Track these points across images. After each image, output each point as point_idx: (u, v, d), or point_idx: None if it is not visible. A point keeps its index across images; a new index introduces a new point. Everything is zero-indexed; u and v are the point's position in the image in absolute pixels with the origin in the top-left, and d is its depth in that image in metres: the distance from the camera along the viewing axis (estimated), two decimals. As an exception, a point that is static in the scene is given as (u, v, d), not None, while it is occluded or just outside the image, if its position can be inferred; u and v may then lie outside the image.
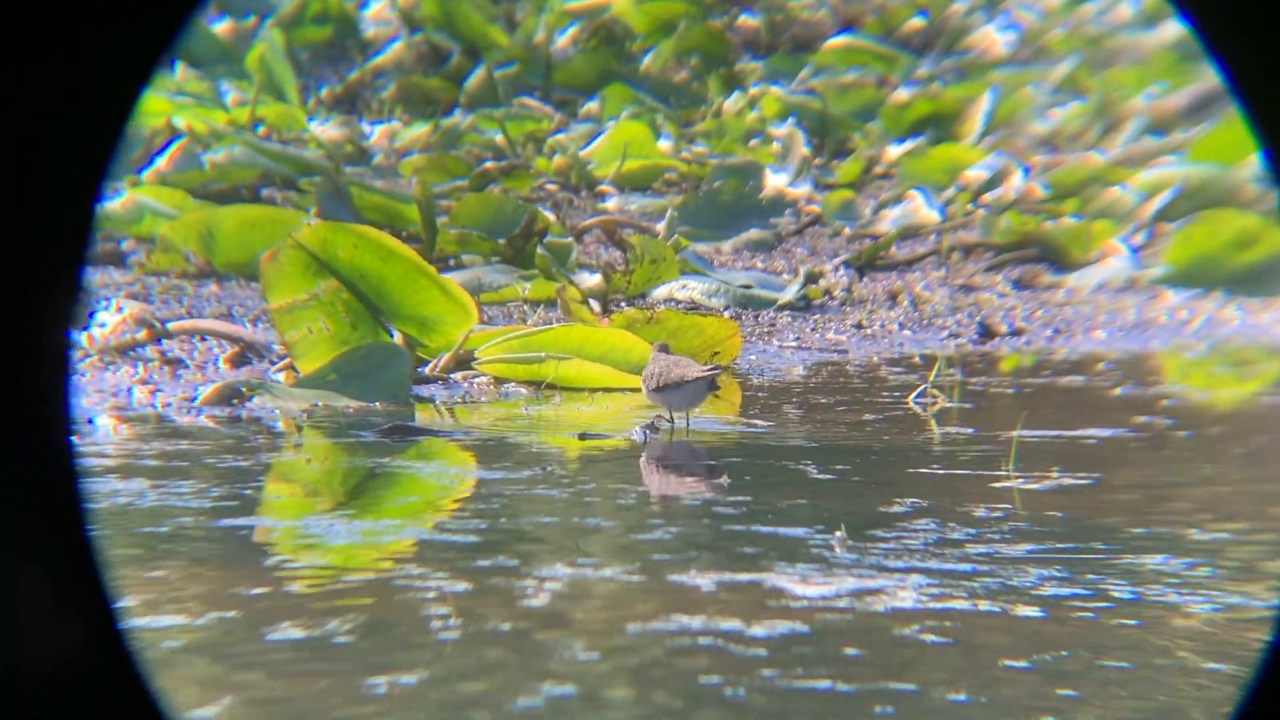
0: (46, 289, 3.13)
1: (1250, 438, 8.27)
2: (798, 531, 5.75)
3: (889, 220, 14.60)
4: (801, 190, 15.69)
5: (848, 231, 14.70)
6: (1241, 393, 9.93)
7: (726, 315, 11.11)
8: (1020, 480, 6.70)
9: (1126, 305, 12.54)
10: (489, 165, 15.66)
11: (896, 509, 6.12)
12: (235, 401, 8.25)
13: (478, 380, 9.06)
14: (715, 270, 12.40)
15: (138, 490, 6.31)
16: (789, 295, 11.90)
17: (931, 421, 8.24)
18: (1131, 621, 4.77)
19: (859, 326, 11.52)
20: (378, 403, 8.31)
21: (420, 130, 17.28)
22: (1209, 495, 6.81)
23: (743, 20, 20.95)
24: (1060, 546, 5.59)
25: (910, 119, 17.63)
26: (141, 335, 9.44)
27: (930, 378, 9.00)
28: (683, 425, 7.96)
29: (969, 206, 14.88)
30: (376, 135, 17.33)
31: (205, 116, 15.67)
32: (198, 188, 13.68)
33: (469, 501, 6.37)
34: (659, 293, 11.69)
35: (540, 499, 6.32)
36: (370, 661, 4.34)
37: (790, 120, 17.22)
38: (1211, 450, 7.80)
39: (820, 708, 4.08)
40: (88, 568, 3.23)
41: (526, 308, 11.34)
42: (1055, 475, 6.78)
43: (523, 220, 12.22)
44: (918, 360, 10.35)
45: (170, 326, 9.64)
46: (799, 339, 11.03)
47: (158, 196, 12.85)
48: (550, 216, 12.98)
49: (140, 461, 6.91)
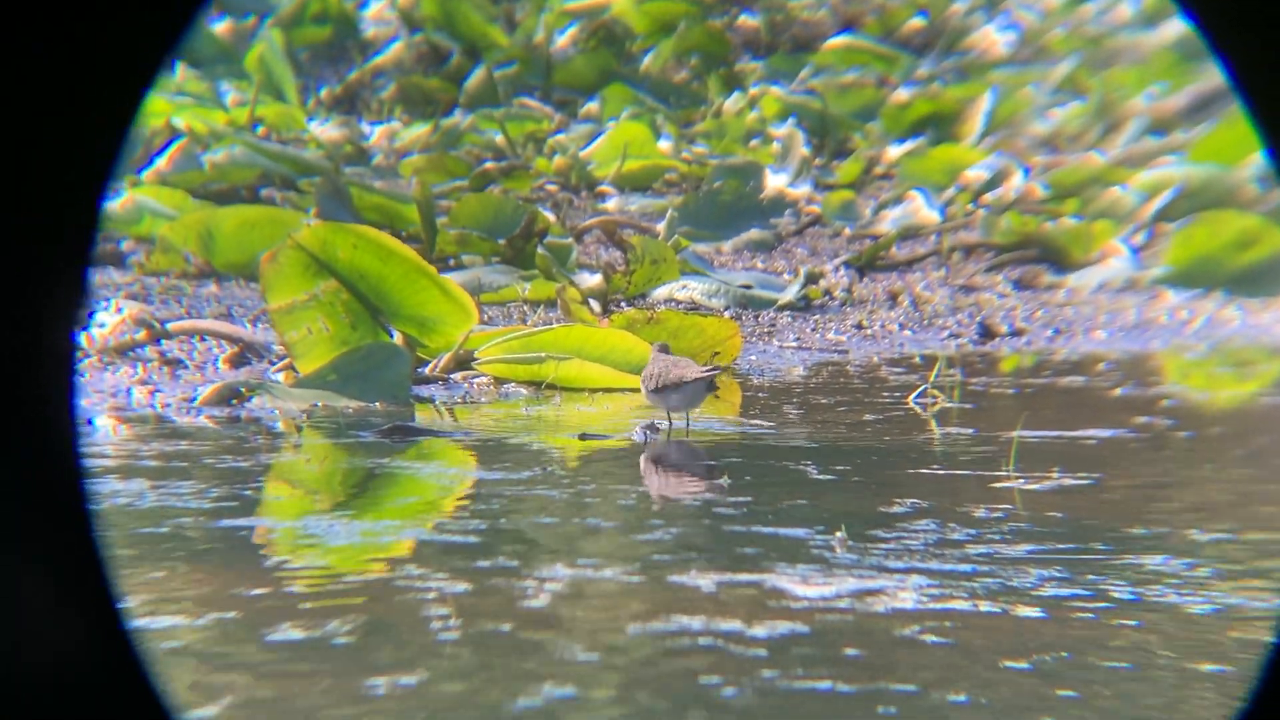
0: (50, 289, 3.13)
1: (1250, 438, 8.26)
2: (798, 532, 5.74)
3: (889, 221, 14.60)
4: (801, 190, 15.69)
5: (848, 232, 14.70)
6: (1242, 393, 9.92)
7: (727, 315, 11.10)
8: (1020, 480, 6.69)
9: (1127, 305, 12.54)
10: (489, 165, 15.66)
11: (897, 509, 6.12)
12: (235, 402, 8.24)
13: (478, 380, 9.06)
14: (715, 270, 12.40)
15: (137, 491, 6.30)
16: (789, 295, 11.90)
17: (932, 422, 8.24)
18: (1132, 622, 4.76)
19: (859, 327, 11.51)
20: (377, 403, 8.30)
21: (420, 130, 17.28)
22: (1209, 496, 6.81)
23: (743, 20, 20.95)
24: (1060, 547, 5.58)
25: (910, 119, 17.63)
26: (141, 336, 9.44)
27: (930, 378, 9.00)
28: (682, 425, 7.96)
29: (969, 207, 14.88)
30: (376, 135, 17.33)
31: (205, 117, 15.67)
32: (197, 188, 13.68)
33: (469, 502, 6.36)
34: (659, 293, 11.68)
35: (540, 499, 6.32)
36: (370, 662, 4.33)
37: (790, 120, 17.22)
38: (1212, 451, 7.79)
39: (821, 708, 4.07)
40: (92, 567, 3.23)
41: (527, 308, 11.34)
42: (1055, 475, 6.78)
43: (523, 221, 12.22)
44: (918, 360, 10.34)
45: (170, 327, 9.63)
46: (799, 339, 11.03)
47: (157, 197, 12.85)
48: (550, 217, 12.98)
49: (140, 462, 6.90)
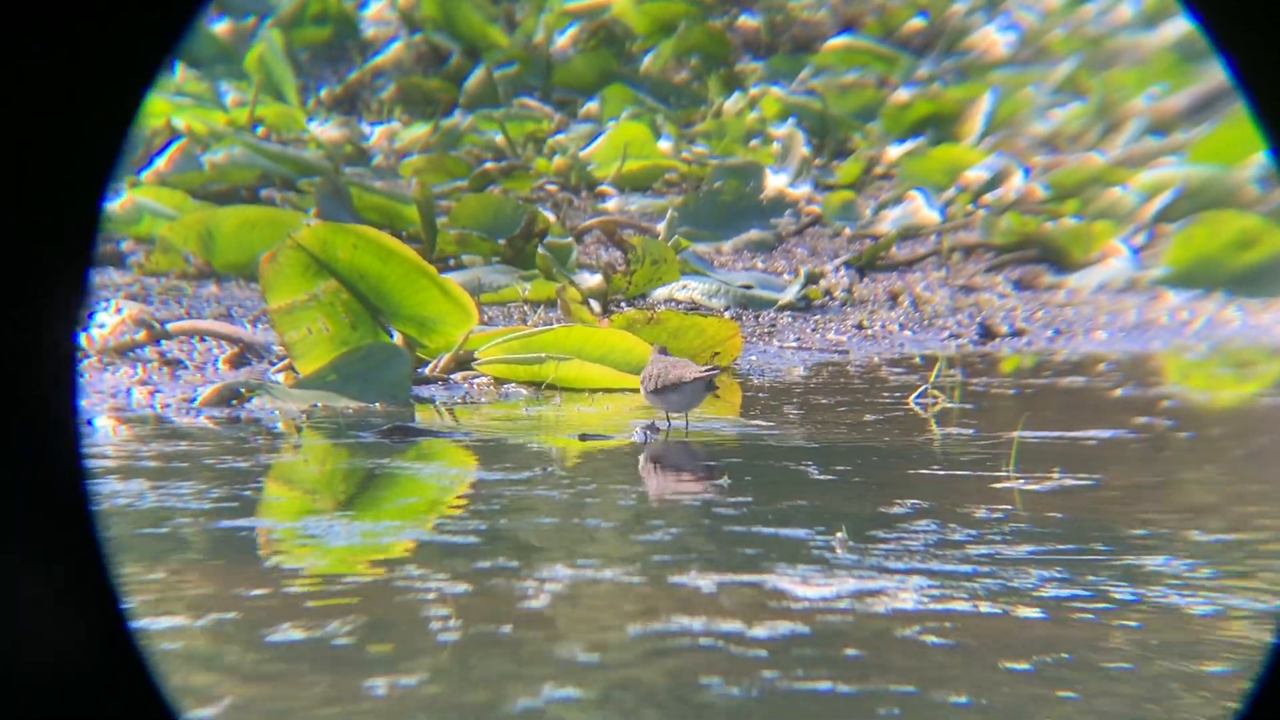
0: (50, 289, 3.13)
1: (1251, 439, 8.26)
2: (798, 532, 5.74)
3: (889, 221, 14.59)
4: (802, 191, 15.68)
5: (848, 232, 14.70)
6: (1242, 394, 9.92)
7: (727, 316, 11.10)
8: (1021, 481, 6.69)
9: (1127, 306, 12.54)
10: (489, 166, 15.65)
11: (897, 510, 6.11)
12: (235, 402, 8.24)
13: (478, 381, 9.06)
14: (715, 271, 12.39)
15: (137, 491, 6.30)
16: (789, 296, 11.89)
17: (932, 422, 8.23)
18: (1132, 623, 4.76)
19: (859, 327, 11.51)
20: (377, 403, 8.30)
21: (420, 131, 17.28)
22: (1210, 496, 6.80)
23: (743, 21, 20.94)
24: (1060, 547, 5.58)
25: (910, 119, 17.63)
26: (141, 336, 9.43)
27: (931, 378, 8.99)
28: (682, 426, 7.95)
29: (969, 207, 14.87)
30: (376, 136, 17.33)
31: (205, 117, 15.66)
32: (197, 188, 13.67)
33: (469, 502, 6.36)
34: (659, 293, 11.68)
35: (540, 500, 6.32)
36: (370, 663, 4.33)
37: (790, 121, 17.21)
38: (1212, 451, 7.79)
39: (821, 709, 4.07)
40: (94, 568, 3.23)
41: (527, 308, 11.33)
42: (1056, 476, 6.77)
43: (523, 221, 12.21)
44: (918, 361, 10.34)
45: (169, 327, 9.63)
46: (799, 339, 11.02)
47: (157, 197, 12.84)
48: (550, 217, 12.98)
49: (139, 462, 6.90)
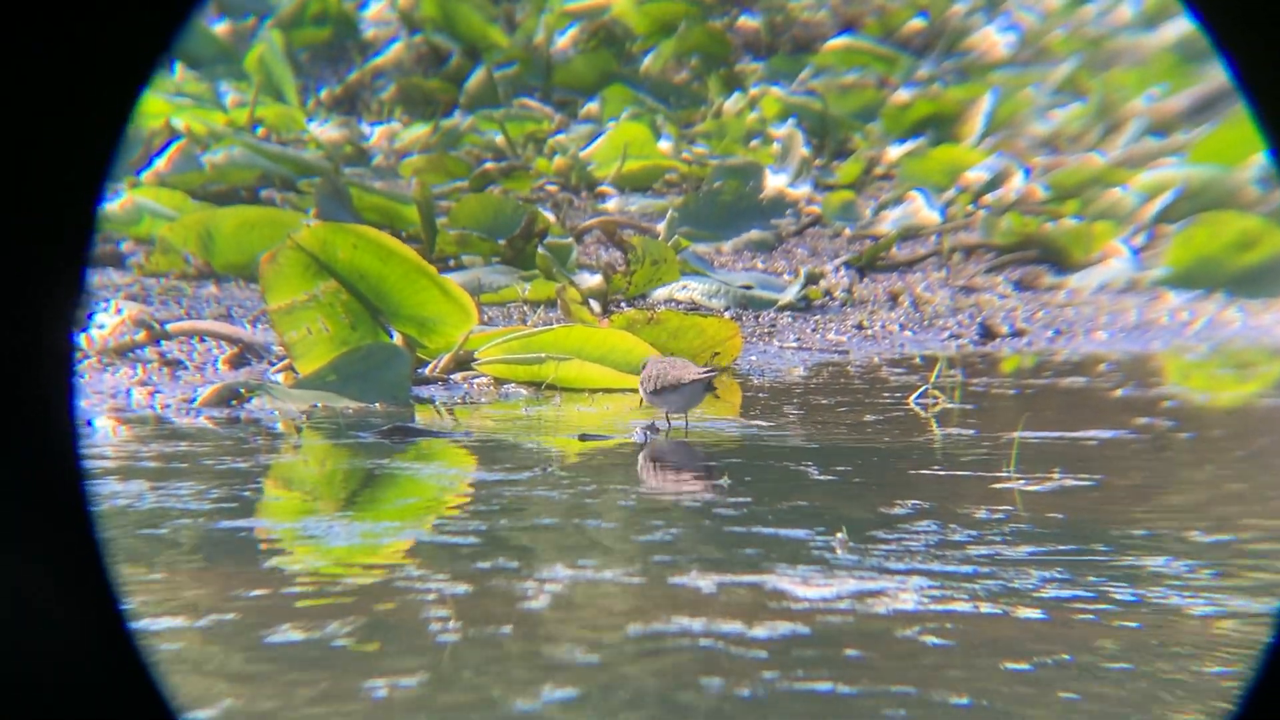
0: (49, 290, 3.13)
1: (1252, 439, 8.26)
2: (798, 533, 5.73)
3: (889, 221, 14.59)
4: (802, 191, 15.68)
5: (848, 232, 14.69)
6: (1243, 394, 9.91)
7: (727, 316, 11.09)
8: (1021, 482, 6.68)
9: (1128, 306, 12.53)
10: (489, 166, 15.65)
11: (897, 510, 6.11)
12: (234, 403, 8.23)
13: (478, 381, 9.05)
14: (715, 271, 12.39)
15: (136, 492, 6.29)
16: (789, 296, 11.89)
17: (932, 422, 8.23)
18: (1133, 624, 4.76)
19: (860, 327, 11.50)
20: (377, 404, 8.29)
21: (420, 131, 17.27)
22: (1210, 497, 6.80)
23: (743, 21, 20.94)
24: (1061, 548, 5.58)
25: (911, 120, 17.62)
26: (140, 336, 9.43)
27: (931, 379, 8.98)
28: (682, 426, 7.95)
29: (970, 207, 14.87)
30: (376, 136, 17.32)
31: (204, 117, 15.66)
32: (197, 189, 13.67)
33: (469, 503, 6.36)
34: (659, 293, 11.68)
35: (540, 500, 6.31)
36: (370, 664, 4.33)
37: (790, 121, 17.21)
38: (1213, 452, 7.79)
39: (821, 710, 4.06)
40: (94, 568, 3.22)
41: (527, 308, 11.33)
42: (1056, 477, 6.77)
43: (523, 221, 12.21)
44: (919, 361, 10.33)
45: (169, 328, 9.62)
46: (799, 340, 11.02)
47: (157, 198, 12.84)
48: (550, 217, 12.97)
49: (139, 463, 6.90)
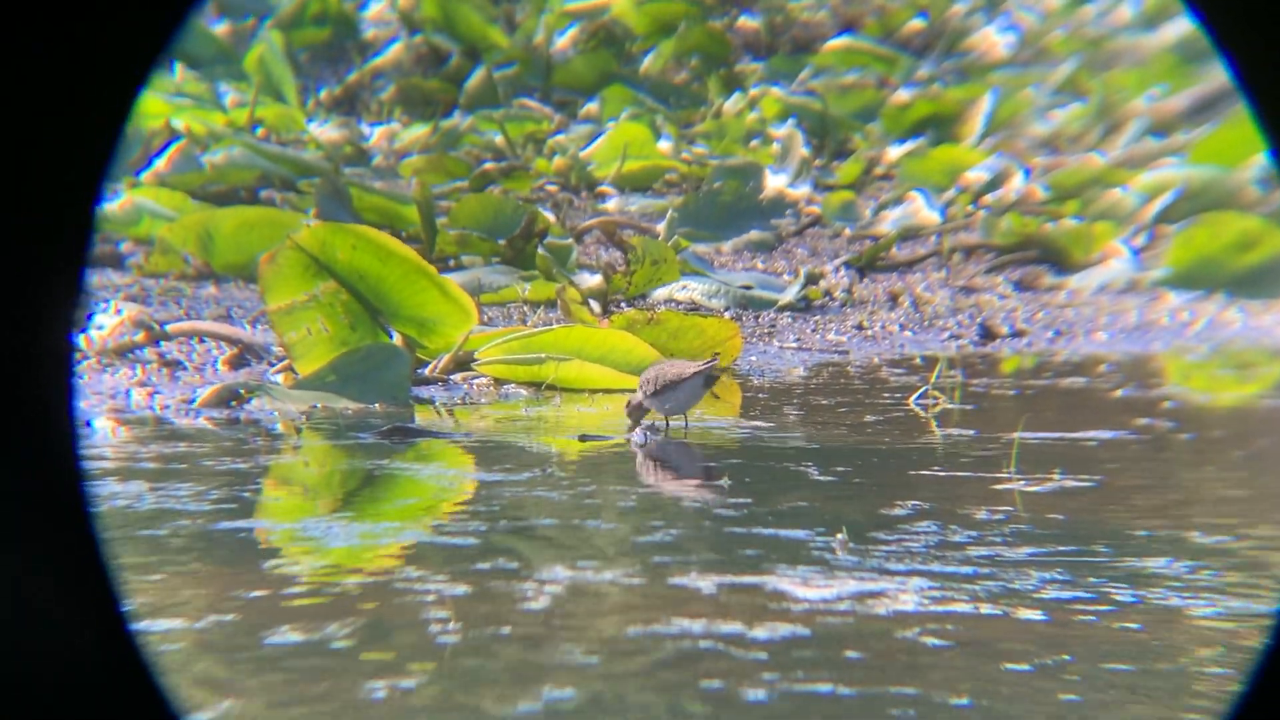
0: (48, 290, 3.12)
1: (1252, 440, 8.25)
2: (799, 534, 5.73)
3: (889, 221, 14.58)
4: (802, 191, 15.67)
5: (848, 232, 14.68)
6: (1243, 395, 9.91)
7: (727, 316, 11.09)
8: (1021, 482, 6.68)
9: (1128, 307, 12.52)
10: (489, 166, 15.64)
11: (898, 511, 6.10)
12: (234, 403, 8.23)
13: (478, 381, 9.04)
14: (715, 271, 12.38)
15: (136, 493, 6.29)
16: (789, 296, 11.88)
17: (932, 423, 8.22)
18: (1133, 625, 4.75)
19: (860, 327, 11.49)
20: (377, 404, 8.28)
21: (420, 131, 17.27)
22: (1211, 498, 6.79)
23: (743, 21, 20.93)
24: (1062, 549, 5.57)
25: (910, 120, 17.62)
26: (140, 337, 9.42)
27: (931, 379, 8.98)
28: (682, 426, 7.94)
29: (969, 208, 14.86)
30: (376, 136, 17.32)
31: (204, 118, 15.65)
32: (196, 189, 13.66)
33: (468, 503, 6.35)
34: (659, 293, 11.67)
35: (540, 501, 6.31)
36: (369, 665, 4.32)
37: (790, 121, 17.20)
38: (1213, 453, 7.78)
39: (822, 711, 4.06)
40: (94, 569, 3.22)
41: (526, 309, 11.32)
42: (1057, 477, 6.76)
43: (523, 221, 12.20)
44: (919, 361, 10.33)
45: (169, 328, 9.61)
46: (799, 340, 11.01)
47: (156, 198, 12.83)
48: (550, 217, 12.96)
49: (138, 464, 6.89)
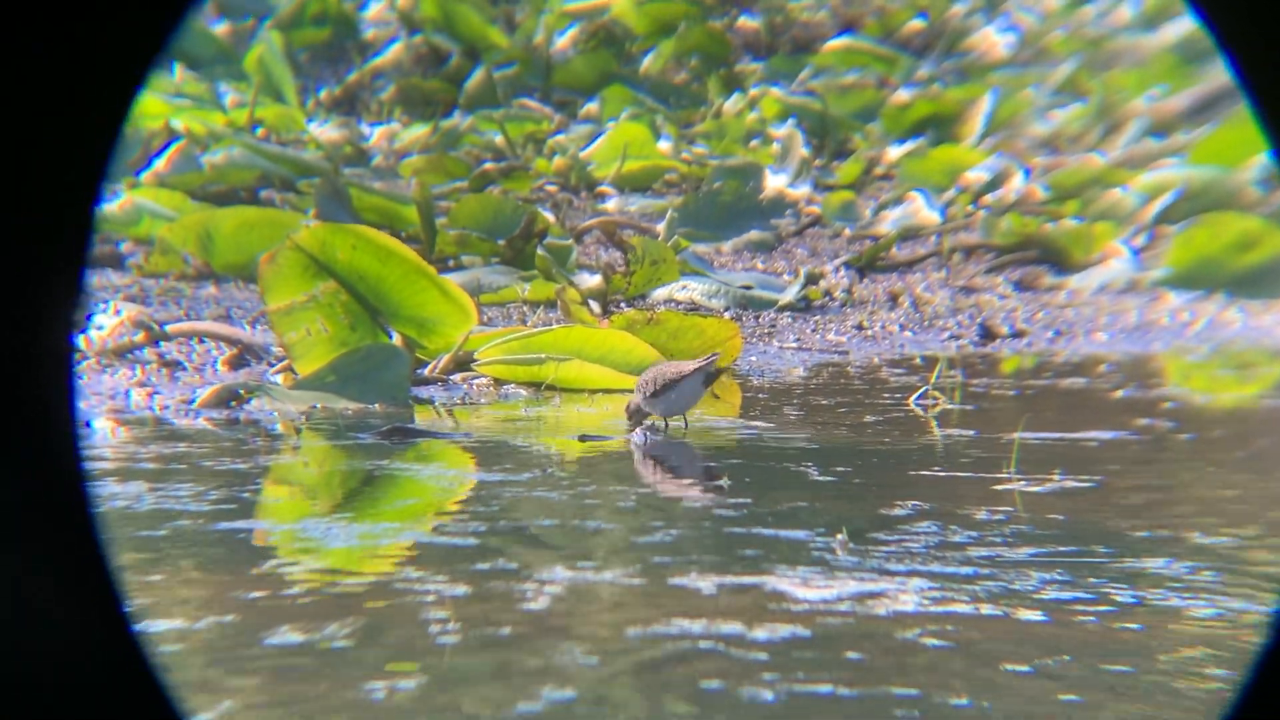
0: (48, 290, 3.12)
1: (1252, 440, 8.25)
2: (799, 534, 5.72)
3: (889, 221, 14.58)
4: (801, 191, 15.67)
5: (848, 232, 14.68)
6: (1243, 395, 9.90)
7: (727, 316, 11.09)
8: (1022, 483, 6.67)
9: (1128, 307, 12.52)
10: (488, 166, 15.64)
11: (898, 511, 6.10)
12: (233, 404, 8.22)
13: (477, 382, 9.04)
14: (715, 271, 12.38)
15: (135, 493, 6.28)
16: (789, 296, 11.88)
17: (933, 423, 8.22)
18: (1134, 625, 4.75)
19: (860, 328, 11.49)
20: (377, 404, 8.28)
21: (419, 131, 17.27)
22: (1211, 498, 6.79)
23: (743, 22, 20.93)
24: (1062, 550, 5.57)
25: (910, 120, 17.62)
26: (139, 337, 9.42)
27: (931, 379, 8.98)
28: (682, 426, 7.94)
29: (969, 208, 14.86)
30: (375, 137, 17.32)
31: (203, 118, 15.65)
32: (196, 189, 13.66)
33: (468, 504, 6.35)
34: (659, 294, 11.67)
35: (540, 501, 6.30)
36: (369, 665, 4.32)
37: (790, 121, 17.20)
38: (1213, 453, 7.78)
39: (822, 711, 4.05)
40: (95, 569, 3.22)
41: (526, 309, 11.32)
42: (1057, 478, 6.76)
43: (522, 221, 12.20)
44: (919, 362, 10.32)
45: (168, 329, 9.61)
46: (799, 340, 11.01)
47: (156, 198, 12.83)
48: (550, 217, 12.96)
49: (138, 464, 6.88)
